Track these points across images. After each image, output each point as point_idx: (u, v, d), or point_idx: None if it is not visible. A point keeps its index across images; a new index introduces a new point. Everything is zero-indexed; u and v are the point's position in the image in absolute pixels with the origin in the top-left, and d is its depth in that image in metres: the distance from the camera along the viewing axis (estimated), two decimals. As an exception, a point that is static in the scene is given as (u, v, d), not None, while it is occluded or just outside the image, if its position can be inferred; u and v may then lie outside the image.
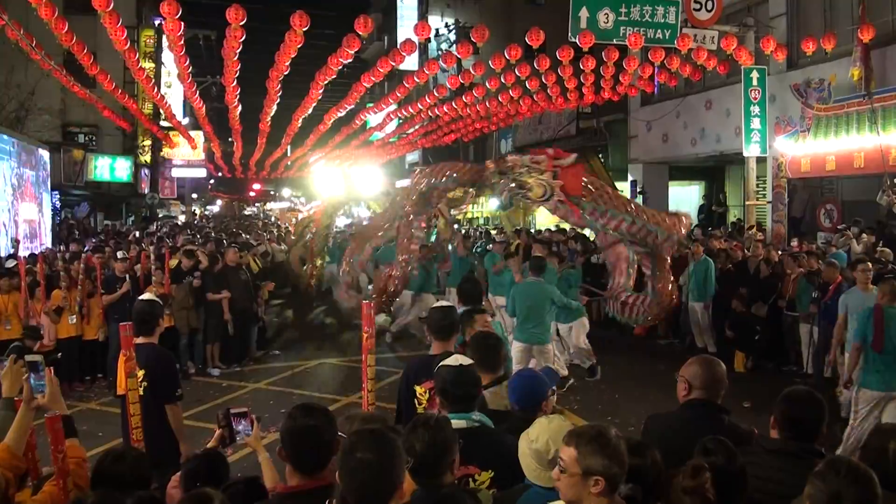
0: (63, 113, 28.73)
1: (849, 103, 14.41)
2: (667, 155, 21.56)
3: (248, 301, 12.96)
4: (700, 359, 4.09)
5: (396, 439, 2.76)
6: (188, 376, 11.68)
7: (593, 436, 2.83)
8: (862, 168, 14.11)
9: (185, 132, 30.32)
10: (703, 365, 3.99)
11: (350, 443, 2.68)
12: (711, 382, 3.92)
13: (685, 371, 4.00)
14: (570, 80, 16.78)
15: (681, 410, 3.97)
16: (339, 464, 2.66)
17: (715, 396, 3.92)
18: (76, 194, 28.50)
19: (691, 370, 3.98)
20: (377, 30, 37.66)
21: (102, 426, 8.52)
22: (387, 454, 2.65)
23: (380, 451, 2.64)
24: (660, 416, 4.11)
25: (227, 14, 11.95)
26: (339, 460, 2.68)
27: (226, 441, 3.96)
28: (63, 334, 10.90)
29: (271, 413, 8.64)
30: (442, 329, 5.07)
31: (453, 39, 32.97)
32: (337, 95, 22.65)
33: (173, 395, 5.46)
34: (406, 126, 26.20)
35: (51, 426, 3.34)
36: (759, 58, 16.26)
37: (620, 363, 11.77)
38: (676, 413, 3.98)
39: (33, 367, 3.67)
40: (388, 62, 15.16)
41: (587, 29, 14.59)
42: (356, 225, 20.05)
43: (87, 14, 14.07)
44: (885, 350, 7.22)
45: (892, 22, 14.19)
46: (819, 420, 3.54)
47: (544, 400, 3.98)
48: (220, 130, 32.29)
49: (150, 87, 19.33)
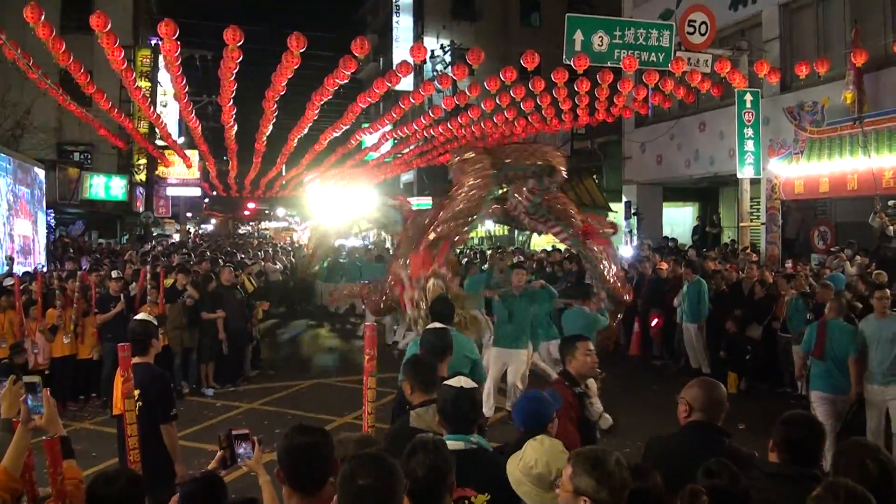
0: (59, 131, 28.72)
1: (842, 126, 14.54)
2: (661, 176, 21.65)
3: (243, 321, 12.94)
4: (700, 381, 4.11)
5: (396, 464, 2.76)
6: (182, 396, 11.63)
7: (589, 457, 2.86)
8: (855, 190, 14.21)
9: (180, 151, 30.35)
10: (704, 387, 4.00)
11: (350, 468, 2.66)
12: (711, 405, 3.94)
13: (686, 393, 4.01)
14: (564, 101, 16.87)
15: (681, 432, 3.99)
16: (340, 490, 2.65)
17: (715, 419, 3.93)
18: (71, 212, 28.43)
19: (691, 392, 3.99)
20: (373, 50, 37.82)
21: (96, 446, 8.49)
22: (387, 480, 2.64)
23: (381, 477, 2.62)
24: (661, 439, 4.12)
25: (224, 35, 11.99)
26: (339, 486, 2.67)
27: (226, 463, 3.94)
28: (57, 353, 10.88)
29: (266, 433, 8.61)
30: (435, 350, 5.12)
31: (449, 61, 33.11)
32: (333, 115, 22.72)
33: (168, 415, 5.45)
34: (401, 146, 26.28)
35: (49, 449, 3.33)
36: (753, 81, 16.39)
37: (616, 384, 11.73)
38: (677, 435, 3.99)
39: (31, 389, 3.66)
40: (384, 83, 15.23)
41: (582, 52, 14.71)
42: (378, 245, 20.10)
43: (84, 33, 14.14)
44: (825, 356, 8.21)
45: (885, 46, 14.31)
46: (818, 443, 3.57)
47: (549, 422, 3.99)
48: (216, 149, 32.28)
49: (146, 106, 19.36)
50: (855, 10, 15.45)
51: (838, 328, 8.33)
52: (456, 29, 38.10)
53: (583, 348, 5.14)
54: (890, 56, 14.02)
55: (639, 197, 22.58)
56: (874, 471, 3.11)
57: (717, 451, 3.65)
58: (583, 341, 5.27)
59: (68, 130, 29.17)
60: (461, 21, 39.02)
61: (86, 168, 29.31)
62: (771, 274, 12.72)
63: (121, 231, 32.87)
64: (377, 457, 2.76)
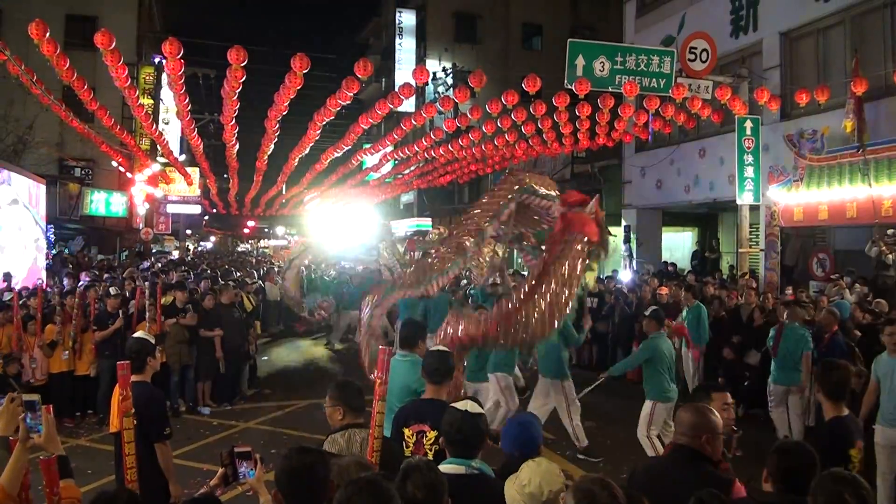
0: (60, 146, 28.83)
1: (841, 154, 14.59)
2: (660, 201, 21.71)
3: (241, 339, 12.93)
4: (690, 406, 4.13)
5: (392, 488, 2.76)
6: (178, 414, 11.63)
7: (582, 487, 2.91)
8: (854, 218, 14.24)
9: (181, 168, 30.40)
10: (691, 412, 4.03)
11: (347, 494, 2.68)
12: (695, 429, 3.94)
13: (677, 416, 4.03)
14: (565, 125, 16.91)
15: (666, 457, 4.01)
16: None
17: (699, 444, 3.91)
18: (71, 228, 28.48)
19: (680, 415, 4.05)
20: (375, 72, 38.01)
21: (92, 463, 8.47)
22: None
23: (377, 501, 2.65)
24: (646, 464, 4.13)
25: (228, 55, 12.03)
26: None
27: (228, 480, 3.95)
28: (55, 369, 10.86)
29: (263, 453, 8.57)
30: (435, 373, 5.12)
31: (450, 83, 33.28)
32: (334, 135, 22.78)
33: (161, 434, 5.46)
34: (402, 167, 26.30)
35: (46, 468, 3.33)
36: (753, 108, 16.46)
37: (612, 409, 11.73)
38: (662, 459, 4.02)
39: (30, 407, 3.66)
40: (387, 105, 15.26)
41: (583, 76, 14.78)
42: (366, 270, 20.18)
43: (88, 49, 14.21)
44: (779, 354, 9.86)
45: (885, 76, 14.39)
46: (811, 472, 3.54)
47: (541, 444, 4.03)
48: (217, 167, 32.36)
49: (149, 123, 19.40)
50: (855, 39, 15.56)
51: (792, 331, 9.86)
52: (458, 51, 38.41)
53: (720, 401, 4.63)
54: (890, 85, 14.10)
55: (638, 221, 22.63)
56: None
57: (697, 476, 3.71)
58: (719, 392, 4.78)
59: (70, 146, 29.29)
60: (463, 44, 39.35)
61: (86, 184, 29.39)
62: (771, 300, 12.71)
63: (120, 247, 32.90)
64: (374, 481, 2.77)
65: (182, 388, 12.14)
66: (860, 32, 15.68)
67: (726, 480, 3.88)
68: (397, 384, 5.61)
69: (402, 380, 5.74)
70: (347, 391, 4.49)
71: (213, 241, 74.49)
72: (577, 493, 2.86)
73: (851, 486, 3.13)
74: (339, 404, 4.42)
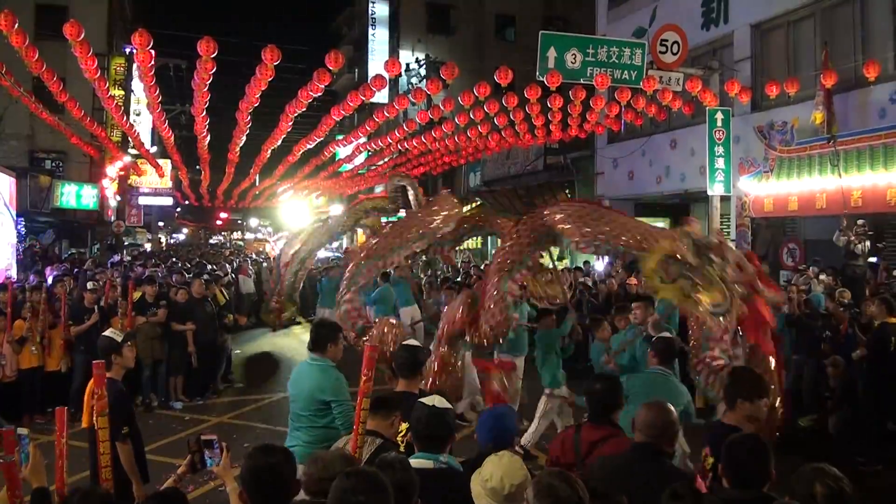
0: (31, 139, 28.51)
1: (811, 146, 14.72)
2: (632, 192, 21.83)
3: (213, 333, 12.87)
4: (650, 404, 4.19)
5: (388, 482, 2.80)
6: (151, 409, 11.58)
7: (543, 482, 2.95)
8: (824, 209, 14.39)
9: (152, 160, 30.18)
10: (650, 410, 4.09)
11: (344, 486, 2.71)
12: (653, 427, 4.02)
13: (637, 415, 4.09)
14: (537, 117, 16.97)
15: (625, 453, 4.07)
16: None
17: (660, 440, 3.99)
18: (41, 221, 28.18)
19: (639, 414, 4.10)
20: (348, 63, 37.86)
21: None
22: (383, 497, 2.73)
23: (377, 494, 2.71)
24: (607, 458, 4.18)
25: (198, 46, 11.94)
26: (335, 501, 2.71)
27: (196, 467, 3.97)
28: (25, 365, 10.71)
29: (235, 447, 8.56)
30: (406, 366, 5.14)
31: (423, 74, 33.21)
32: (307, 127, 22.69)
33: (119, 433, 5.39)
34: (375, 158, 26.27)
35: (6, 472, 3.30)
36: (724, 100, 16.56)
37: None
38: (624, 455, 4.07)
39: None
40: (359, 96, 15.21)
41: (555, 69, 14.78)
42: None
43: (58, 40, 14.04)
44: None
45: (855, 68, 14.54)
46: (764, 466, 3.58)
47: (515, 436, 4.07)
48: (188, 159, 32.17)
49: (119, 115, 19.22)
50: (825, 31, 15.70)
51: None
52: (431, 42, 38.27)
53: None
54: (859, 77, 14.23)
55: (611, 212, 22.69)
56: (821, 494, 3.12)
57: (658, 470, 3.81)
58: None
59: (40, 138, 28.97)
60: (437, 35, 39.20)
61: (57, 176, 29.08)
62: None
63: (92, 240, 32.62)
64: (372, 474, 2.82)
65: (154, 383, 12.05)
66: (830, 25, 15.82)
67: (689, 474, 3.93)
68: (304, 391, 5.49)
69: (309, 386, 5.50)
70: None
71: (186, 233, 74.03)
72: (537, 488, 2.89)
73: (824, 477, 3.17)
74: None
